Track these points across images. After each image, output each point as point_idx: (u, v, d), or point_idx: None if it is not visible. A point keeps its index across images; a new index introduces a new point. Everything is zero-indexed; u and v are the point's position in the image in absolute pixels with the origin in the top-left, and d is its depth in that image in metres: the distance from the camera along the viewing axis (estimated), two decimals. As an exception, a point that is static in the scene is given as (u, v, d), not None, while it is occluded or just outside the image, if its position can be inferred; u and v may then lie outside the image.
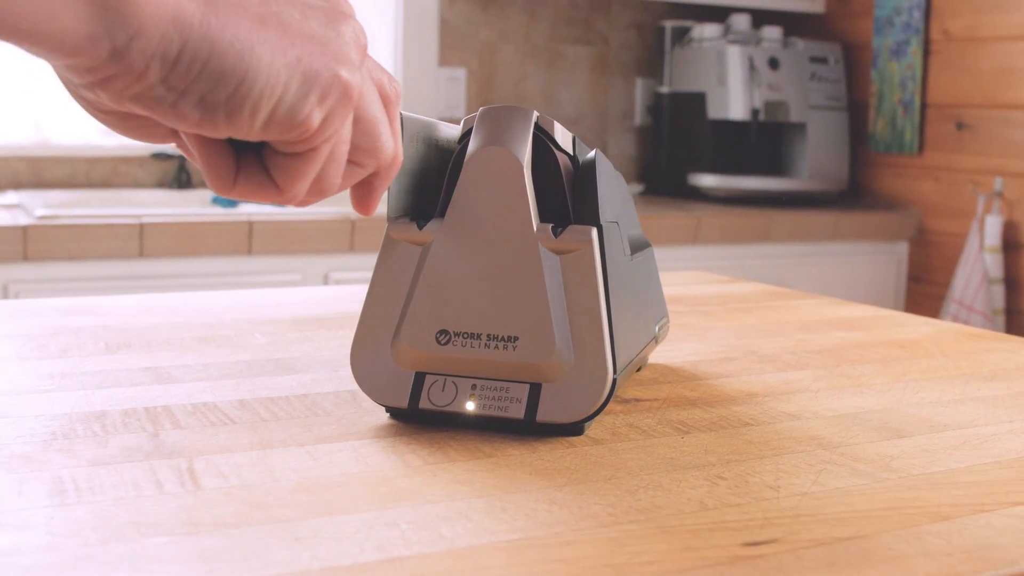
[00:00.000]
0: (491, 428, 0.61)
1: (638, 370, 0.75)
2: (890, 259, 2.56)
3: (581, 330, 0.59)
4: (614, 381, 0.59)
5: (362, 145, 0.47)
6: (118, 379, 0.70)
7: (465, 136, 0.63)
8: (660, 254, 2.31)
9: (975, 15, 2.49)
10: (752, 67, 2.57)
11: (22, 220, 1.87)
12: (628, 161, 2.93)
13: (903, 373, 0.77)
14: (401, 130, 0.54)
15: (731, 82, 2.57)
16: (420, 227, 0.62)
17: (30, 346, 0.79)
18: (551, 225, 0.60)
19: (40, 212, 1.90)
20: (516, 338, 0.60)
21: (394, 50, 2.64)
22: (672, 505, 0.50)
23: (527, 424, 0.59)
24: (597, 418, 0.64)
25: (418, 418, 0.62)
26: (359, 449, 0.57)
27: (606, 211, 0.63)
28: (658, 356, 0.81)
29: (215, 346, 0.81)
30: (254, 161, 0.45)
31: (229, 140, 0.44)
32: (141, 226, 1.90)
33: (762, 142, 2.67)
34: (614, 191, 0.67)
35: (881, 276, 2.55)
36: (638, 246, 0.72)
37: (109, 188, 2.38)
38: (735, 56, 2.57)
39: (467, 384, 0.61)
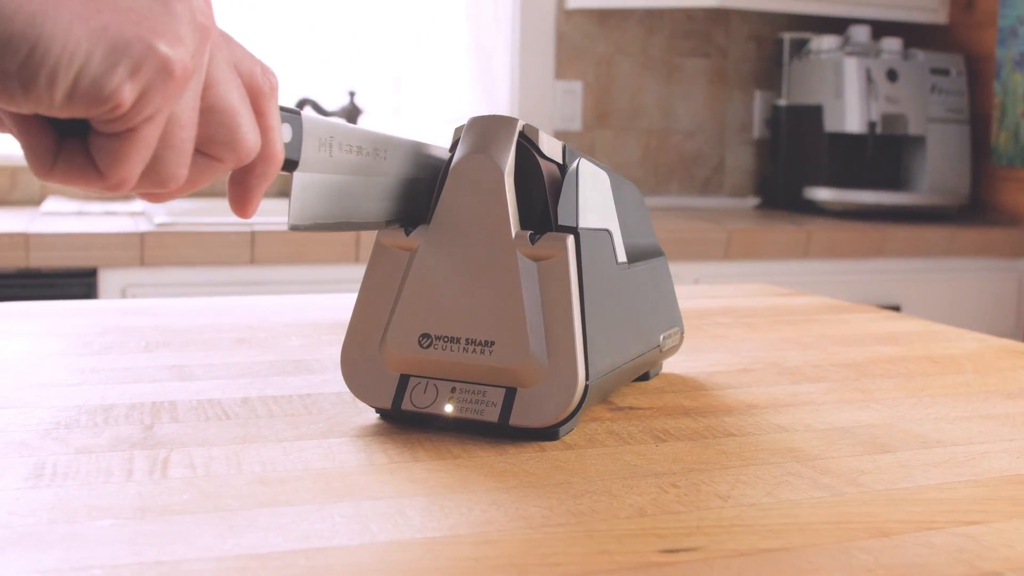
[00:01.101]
0: (469, 430, 0.62)
1: (643, 378, 0.75)
2: (1010, 276, 2.46)
3: (555, 336, 0.60)
4: (586, 387, 0.60)
5: (217, 137, 0.45)
6: (141, 376, 0.74)
7: (455, 145, 0.64)
8: (769, 268, 2.30)
9: (1107, 23, 2.38)
10: (869, 79, 2.51)
11: (142, 227, 1.96)
12: (746, 174, 2.90)
13: (921, 388, 0.75)
14: (300, 131, 0.54)
15: (848, 94, 2.51)
16: (407, 233, 0.64)
17: (76, 343, 0.84)
18: (530, 232, 0.61)
19: (159, 219, 1.99)
20: (492, 343, 0.61)
21: (511, 63, 2.67)
22: (609, 510, 0.50)
23: (501, 428, 0.60)
24: (580, 424, 0.64)
25: (402, 419, 0.64)
26: (334, 447, 0.59)
27: (589, 219, 0.63)
28: (677, 366, 0.80)
29: (248, 347, 0.84)
30: (77, 144, 0.42)
31: (52, 121, 0.42)
32: (252, 234, 1.97)
33: (880, 155, 2.60)
34: (609, 199, 0.67)
35: (1000, 293, 2.45)
36: (644, 255, 0.72)
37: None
38: (852, 68, 2.51)
39: (447, 387, 0.62)
